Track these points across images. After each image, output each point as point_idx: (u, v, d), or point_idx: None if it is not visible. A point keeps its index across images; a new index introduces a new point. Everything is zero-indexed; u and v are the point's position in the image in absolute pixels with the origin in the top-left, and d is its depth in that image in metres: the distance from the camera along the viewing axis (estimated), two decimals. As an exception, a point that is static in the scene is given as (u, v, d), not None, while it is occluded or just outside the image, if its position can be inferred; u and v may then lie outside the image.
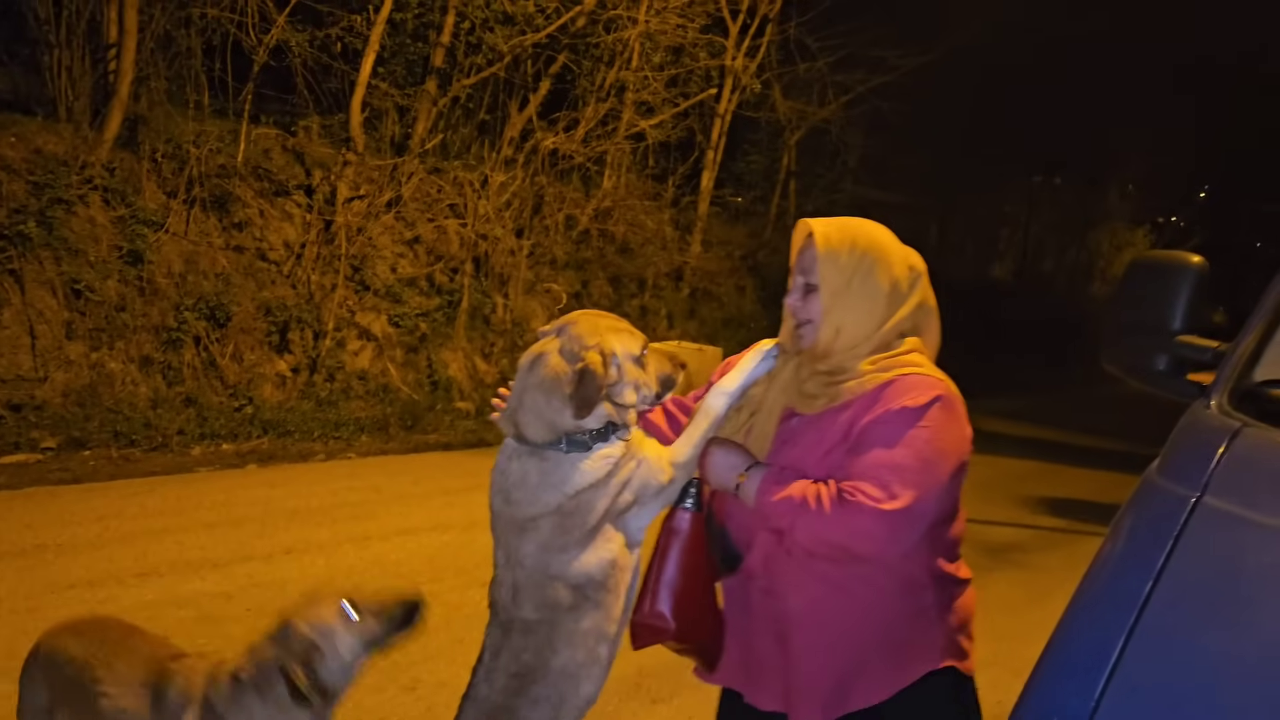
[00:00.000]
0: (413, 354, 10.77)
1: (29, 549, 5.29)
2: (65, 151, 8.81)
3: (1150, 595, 1.22)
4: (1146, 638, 1.19)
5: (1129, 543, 1.38)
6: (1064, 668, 1.26)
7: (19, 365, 8.17)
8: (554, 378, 1.90)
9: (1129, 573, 1.29)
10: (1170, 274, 1.86)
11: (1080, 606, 1.34)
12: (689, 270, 14.50)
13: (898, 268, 1.96)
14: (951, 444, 1.84)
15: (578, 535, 1.90)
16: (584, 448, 1.90)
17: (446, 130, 11.77)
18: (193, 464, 7.73)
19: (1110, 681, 1.16)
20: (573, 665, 1.91)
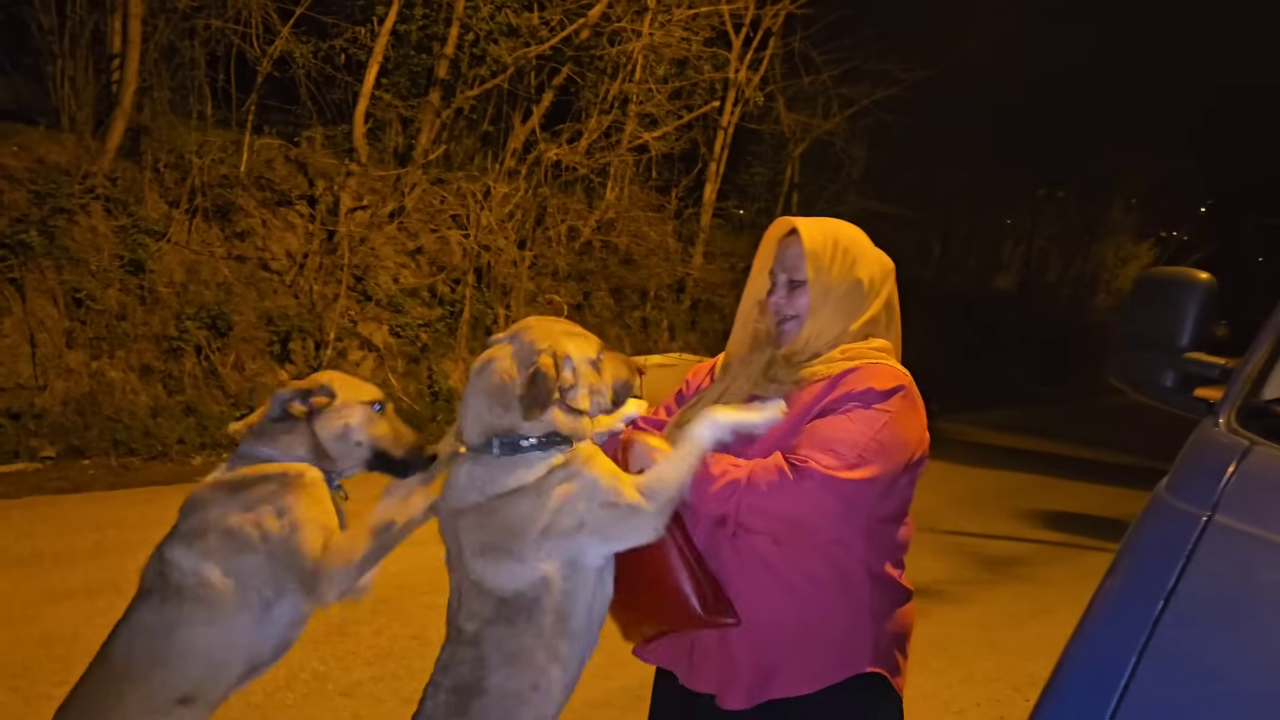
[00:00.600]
0: (414, 364, 10.76)
1: (27, 557, 5.27)
2: (68, 161, 8.83)
3: (1162, 613, 1.22)
4: (1159, 656, 1.18)
5: (1140, 561, 1.36)
6: (1077, 686, 1.25)
7: (19, 374, 8.17)
8: (503, 382, 1.87)
9: (1140, 591, 1.28)
10: (1179, 290, 1.85)
11: (1092, 624, 1.32)
12: (691, 282, 14.50)
13: (874, 265, 1.99)
14: (910, 434, 1.84)
15: (503, 543, 1.82)
16: (514, 450, 1.85)
17: (450, 141, 11.80)
18: (193, 473, 7.71)
19: (1123, 700, 1.16)
20: (512, 685, 1.82)
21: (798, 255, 1.95)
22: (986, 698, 4.57)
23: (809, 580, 1.84)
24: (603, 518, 1.82)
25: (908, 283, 2.14)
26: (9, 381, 8.07)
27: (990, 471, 10.23)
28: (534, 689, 1.84)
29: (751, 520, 1.80)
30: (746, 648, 1.86)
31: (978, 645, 5.31)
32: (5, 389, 8.01)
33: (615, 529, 1.83)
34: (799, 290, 1.95)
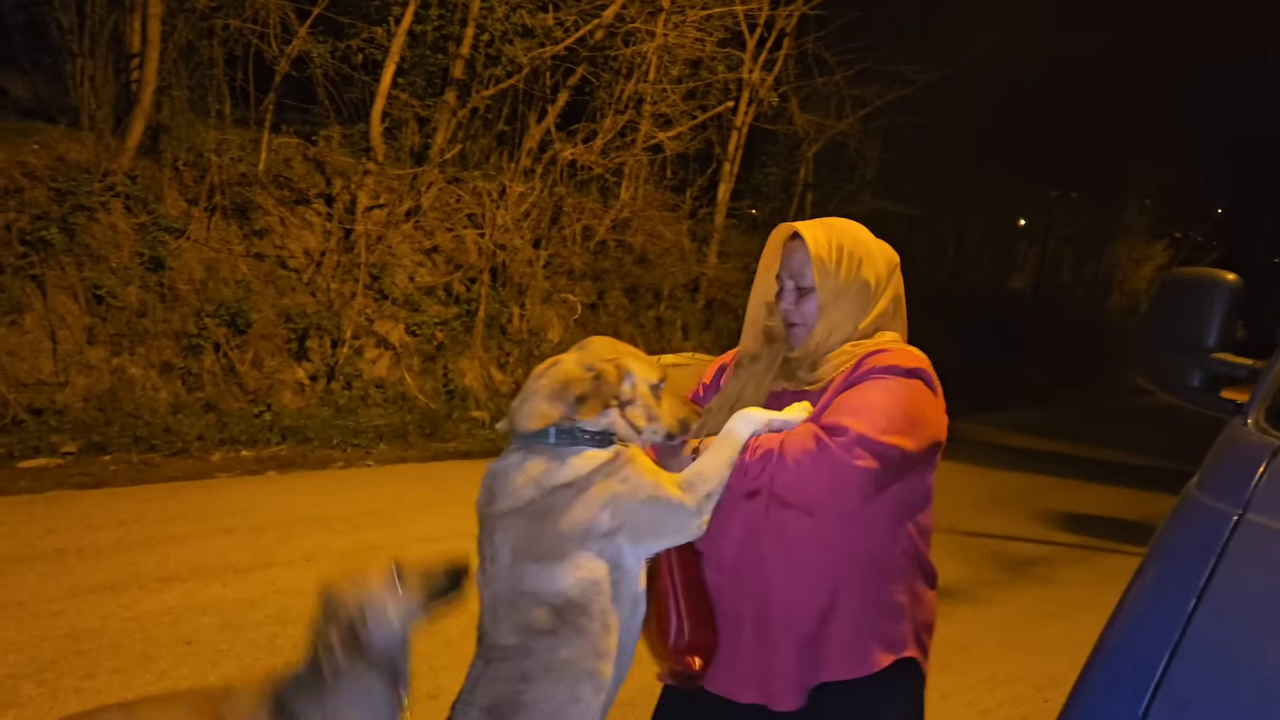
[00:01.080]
0: (430, 363, 10.81)
1: (51, 553, 5.33)
2: (88, 159, 8.89)
3: (1195, 611, 1.23)
4: (1192, 653, 1.19)
5: (1172, 559, 1.38)
6: (1110, 683, 1.26)
7: (40, 370, 8.24)
8: (565, 380, 1.87)
9: (1172, 589, 1.29)
10: (1205, 291, 1.86)
11: (1124, 622, 1.34)
12: (705, 281, 14.51)
13: (879, 263, 2.01)
14: (932, 413, 1.87)
15: (552, 543, 1.79)
16: (572, 439, 1.84)
17: (465, 141, 11.84)
18: (213, 470, 7.78)
19: (1156, 697, 1.17)
20: (551, 702, 1.77)
21: (803, 261, 1.97)
22: (1009, 698, 4.58)
23: (847, 563, 1.86)
24: (645, 515, 1.82)
25: (922, 283, 2.17)
26: (30, 377, 8.14)
27: (1008, 473, 10.21)
28: (575, 702, 1.79)
29: (787, 490, 1.80)
30: (789, 638, 1.87)
31: (999, 646, 5.32)
32: (27, 385, 8.08)
33: (659, 526, 1.83)
34: (806, 296, 1.97)
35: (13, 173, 8.38)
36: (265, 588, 5.06)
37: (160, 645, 4.22)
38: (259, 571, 5.29)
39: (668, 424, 1.93)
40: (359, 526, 6.33)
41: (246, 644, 4.30)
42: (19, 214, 8.33)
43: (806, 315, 1.97)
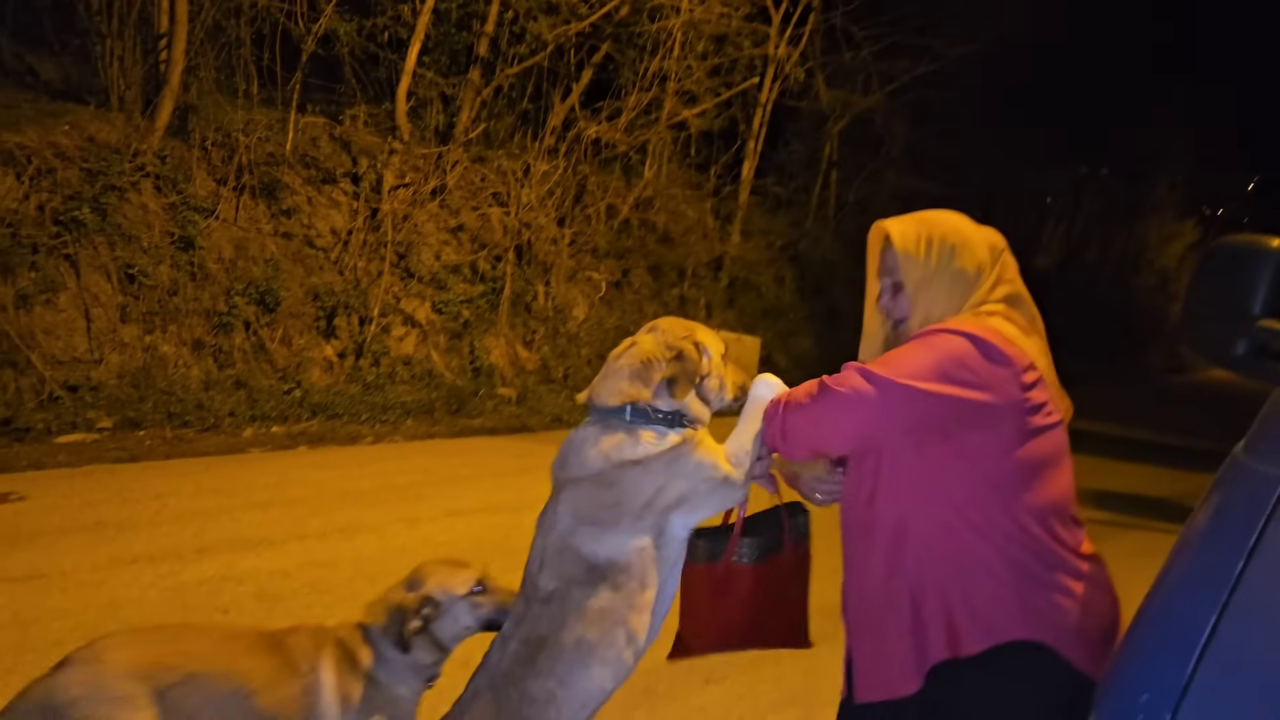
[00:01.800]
0: (456, 340, 10.87)
1: (90, 525, 5.43)
2: (118, 139, 8.97)
3: (1242, 573, 1.23)
4: (1239, 615, 1.19)
5: (1218, 522, 1.38)
6: (1157, 644, 1.27)
7: (75, 348, 8.36)
8: (647, 359, 2.00)
9: (1219, 551, 1.29)
10: (1251, 258, 1.85)
11: (1171, 585, 1.34)
12: (729, 260, 14.49)
13: (979, 250, 1.98)
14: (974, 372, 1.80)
15: (611, 513, 1.93)
16: (646, 419, 1.97)
17: (490, 119, 11.85)
18: (244, 445, 7.87)
19: (1203, 658, 1.17)
20: (584, 644, 1.92)
21: (894, 258, 1.99)
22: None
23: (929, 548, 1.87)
24: (703, 490, 1.98)
25: None
26: (66, 355, 8.25)
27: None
28: (609, 646, 1.93)
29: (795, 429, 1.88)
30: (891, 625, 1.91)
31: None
32: (62, 362, 8.20)
33: (711, 499, 2.00)
34: (902, 293, 1.99)
35: (45, 153, 8.46)
36: (299, 559, 5.14)
37: (198, 614, 4.30)
38: (293, 543, 5.37)
39: (733, 392, 2.10)
40: (388, 500, 6.41)
41: (282, 613, 4.37)
42: (52, 194, 8.42)
43: (903, 308, 1.99)
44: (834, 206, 17.01)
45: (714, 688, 4.07)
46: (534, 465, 7.74)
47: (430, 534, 5.75)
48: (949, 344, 1.82)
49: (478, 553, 5.45)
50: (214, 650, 2.16)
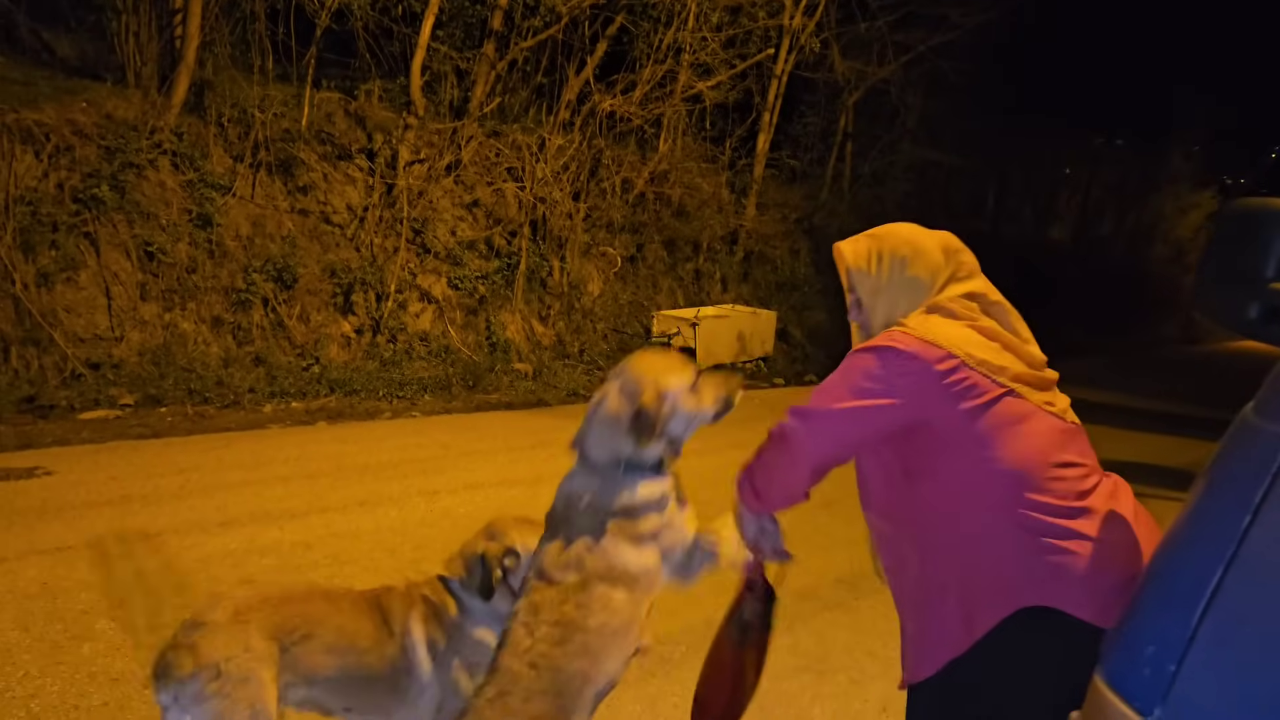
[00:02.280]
0: (472, 316, 10.91)
1: (116, 499, 5.51)
2: (135, 116, 9.01)
3: (1248, 530, 1.24)
4: (1245, 570, 1.20)
5: (1226, 480, 1.39)
6: (1161, 598, 1.28)
7: (96, 325, 8.44)
8: (614, 414, 2.20)
9: (1226, 508, 1.30)
10: (1263, 221, 1.84)
11: (1177, 541, 1.36)
12: (744, 233, 14.44)
13: (931, 256, 2.08)
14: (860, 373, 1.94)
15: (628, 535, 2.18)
16: (628, 471, 2.20)
17: (504, 93, 11.83)
18: (265, 421, 7.95)
19: (1208, 611, 1.18)
20: (607, 630, 2.10)
21: (851, 275, 2.14)
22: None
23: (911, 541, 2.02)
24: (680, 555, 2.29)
25: (961, 234, 2.19)
26: (87, 333, 8.34)
27: (1048, 422, 10.13)
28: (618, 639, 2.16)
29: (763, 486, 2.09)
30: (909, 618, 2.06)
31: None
32: (84, 340, 8.29)
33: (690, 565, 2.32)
34: (862, 308, 2.14)
35: (63, 131, 8.52)
36: (321, 531, 5.20)
37: (223, 585, 4.38)
38: (314, 516, 5.45)
39: (713, 408, 2.30)
40: (407, 474, 6.47)
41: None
42: (70, 172, 8.48)
43: (866, 319, 2.13)
44: (849, 179, 16.92)
45: (730, 655, 4.12)
46: (549, 440, 7.84)
47: (449, 507, 5.81)
48: (856, 362, 1.96)
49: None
50: (328, 612, 2.37)
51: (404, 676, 2.39)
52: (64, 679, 3.51)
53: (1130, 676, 1.20)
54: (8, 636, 3.80)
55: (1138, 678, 1.19)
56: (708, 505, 2.39)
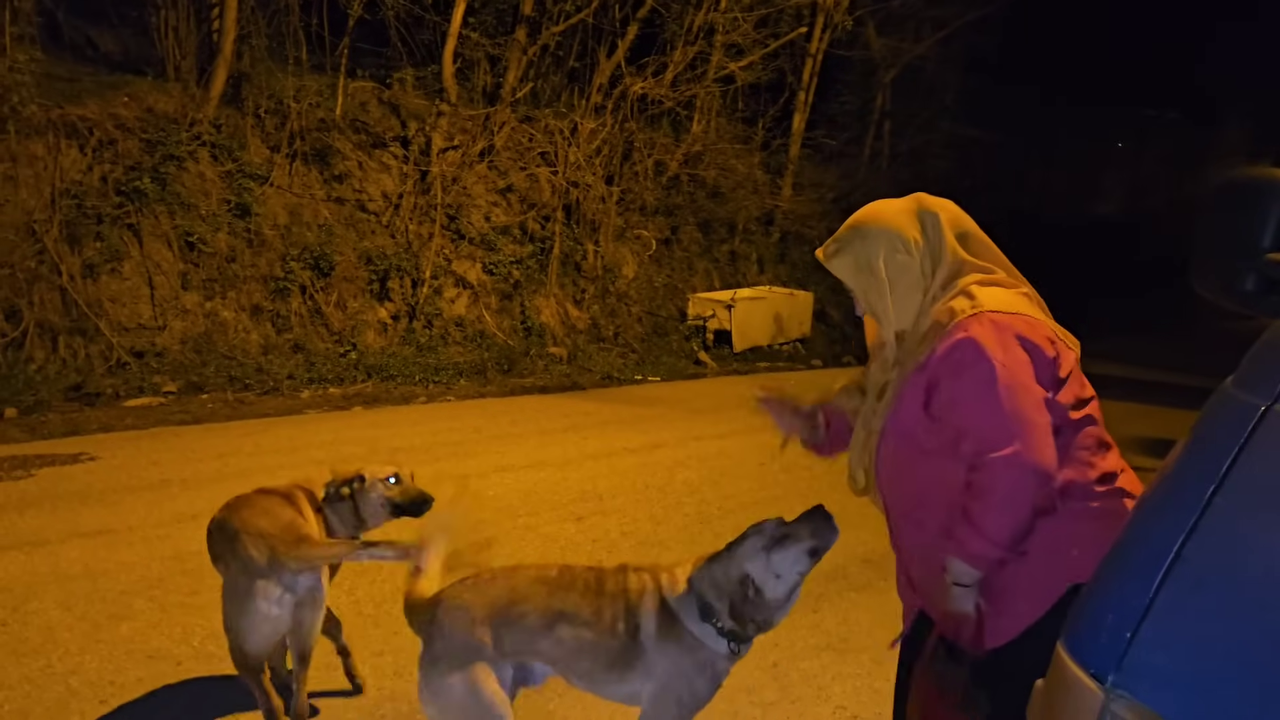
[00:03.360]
0: (507, 301, 11.00)
1: (156, 483, 5.67)
2: (175, 109, 9.20)
3: (1213, 497, 1.24)
4: (1206, 538, 1.20)
5: (1194, 449, 1.38)
6: (1123, 565, 1.29)
7: (139, 314, 8.65)
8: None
9: (1191, 477, 1.30)
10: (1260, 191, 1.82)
11: (1143, 510, 1.36)
12: (780, 214, 14.37)
13: (907, 231, 2.02)
14: (1015, 371, 1.86)
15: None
16: None
17: (536, 79, 11.86)
18: (302, 406, 8.10)
19: (1166, 579, 1.19)
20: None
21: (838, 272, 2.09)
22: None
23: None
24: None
25: (1003, 211, 2.16)
26: (131, 321, 8.55)
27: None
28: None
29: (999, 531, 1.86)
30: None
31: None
32: (128, 329, 8.50)
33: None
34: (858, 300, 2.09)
35: (106, 125, 8.73)
36: (354, 514, 5.30)
37: (258, 566, 4.49)
38: (347, 499, 5.54)
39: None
40: (438, 457, 6.57)
41: (344, 569, 4.53)
42: (114, 165, 8.69)
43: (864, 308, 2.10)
44: (887, 157, 16.73)
45: (752, 634, 4.15)
46: (581, 423, 7.90)
47: (479, 489, 5.89)
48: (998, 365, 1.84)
49: (525, 506, 5.60)
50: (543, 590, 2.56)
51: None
52: (102, 656, 3.63)
53: (1089, 644, 1.21)
54: (50, 616, 3.94)
55: (1095, 645, 1.20)
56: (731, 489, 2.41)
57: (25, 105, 8.17)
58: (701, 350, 11.73)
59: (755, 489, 6.20)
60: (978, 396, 1.84)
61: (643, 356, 11.18)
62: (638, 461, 6.78)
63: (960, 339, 1.89)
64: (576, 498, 5.80)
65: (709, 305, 12.09)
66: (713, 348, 11.90)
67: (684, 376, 10.83)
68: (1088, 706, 1.15)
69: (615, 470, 6.50)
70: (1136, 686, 1.13)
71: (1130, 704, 1.12)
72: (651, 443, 7.37)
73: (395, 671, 3.55)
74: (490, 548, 2.94)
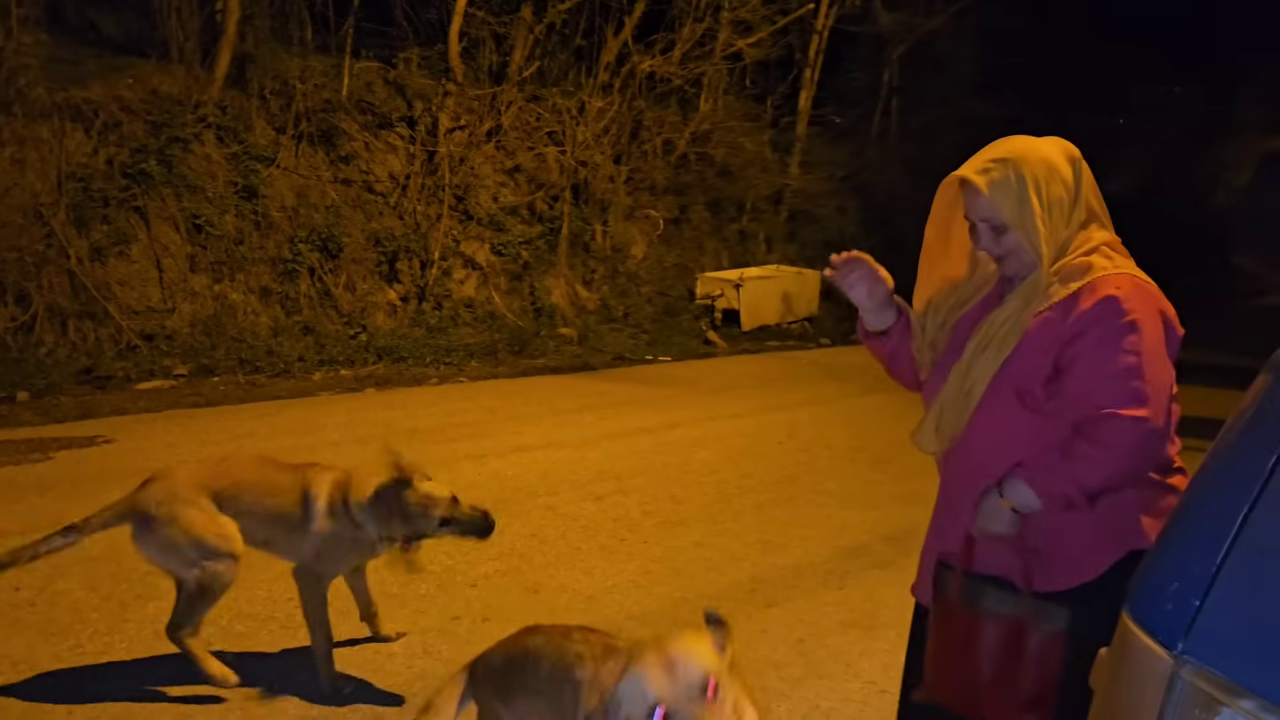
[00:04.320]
0: (516, 281, 10.94)
1: (176, 465, 5.63)
2: (179, 91, 9.12)
3: (1274, 468, 1.22)
4: (1270, 506, 1.19)
5: (1256, 419, 1.37)
6: (1187, 535, 1.28)
7: (149, 297, 8.61)
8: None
9: (1252, 447, 1.29)
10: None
11: (1203, 480, 1.35)
12: (789, 192, 14.28)
13: (1063, 168, 1.94)
14: (1156, 339, 1.85)
15: None
16: None
17: (543, 57, 11.76)
18: (314, 388, 8.07)
19: (1233, 547, 1.17)
20: None
21: (985, 204, 1.93)
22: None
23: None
24: None
25: None
26: (141, 305, 8.51)
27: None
28: None
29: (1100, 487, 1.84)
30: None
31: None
32: (138, 312, 8.46)
33: None
34: (1004, 234, 1.94)
35: (111, 108, 8.65)
36: (372, 495, 5.27)
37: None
38: (365, 480, 5.52)
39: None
40: (454, 438, 6.54)
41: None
42: (119, 148, 8.63)
43: (1010, 246, 1.94)
44: (897, 134, 16.61)
45: (776, 610, 4.12)
46: (595, 403, 7.86)
47: (497, 469, 5.86)
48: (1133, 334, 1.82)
49: (544, 485, 5.57)
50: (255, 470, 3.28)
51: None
52: (131, 636, 3.61)
53: (1156, 611, 1.21)
54: (77, 596, 3.92)
55: (1162, 612, 1.19)
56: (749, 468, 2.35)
57: (31, 88, 8.10)
58: (710, 329, 11.68)
59: (773, 468, 6.17)
60: (1122, 353, 1.81)
61: (653, 336, 11.13)
62: (654, 441, 6.75)
63: (1112, 294, 1.84)
64: (595, 477, 5.76)
65: (717, 285, 12.03)
66: (721, 327, 11.85)
67: (695, 356, 10.79)
68: (1157, 673, 1.14)
69: (632, 450, 6.47)
70: (1205, 652, 1.12)
71: (1199, 670, 1.11)
72: (666, 422, 7.34)
73: (424, 650, 3.52)
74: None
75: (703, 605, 4.08)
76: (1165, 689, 1.13)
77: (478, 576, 4.24)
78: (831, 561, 4.68)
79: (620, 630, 3.74)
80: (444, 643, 3.58)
